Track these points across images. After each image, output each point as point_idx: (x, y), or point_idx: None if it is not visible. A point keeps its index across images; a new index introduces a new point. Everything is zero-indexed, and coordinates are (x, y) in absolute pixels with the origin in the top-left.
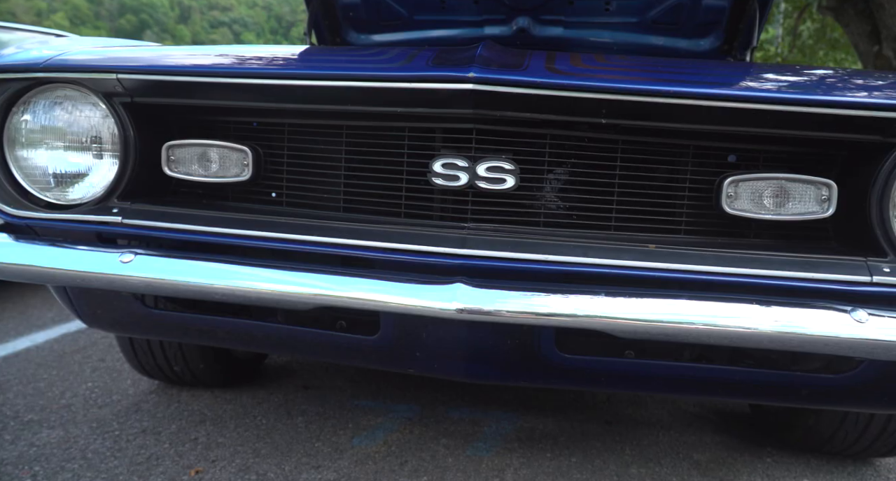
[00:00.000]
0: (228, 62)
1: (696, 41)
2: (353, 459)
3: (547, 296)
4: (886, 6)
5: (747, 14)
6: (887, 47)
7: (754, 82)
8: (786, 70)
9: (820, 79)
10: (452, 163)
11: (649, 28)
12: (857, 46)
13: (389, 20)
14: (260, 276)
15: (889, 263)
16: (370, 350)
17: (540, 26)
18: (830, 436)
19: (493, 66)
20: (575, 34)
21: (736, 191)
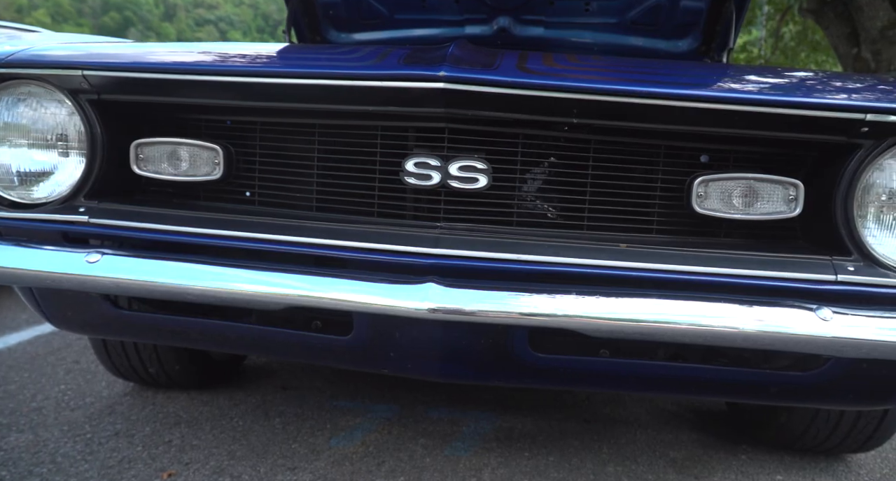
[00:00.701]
0: (198, 59)
1: (675, 42)
2: (329, 460)
3: (518, 295)
4: (865, 9)
5: (724, 16)
6: (866, 49)
7: (724, 83)
8: (758, 71)
9: (790, 81)
10: (425, 163)
11: (629, 29)
12: (837, 48)
13: (370, 19)
14: (229, 277)
15: (853, 262)
16: (344, 350)
17: (521, 26)
18: (802, 433)
19: (465, 65)
20: (555, 34)
21: (706, 190)
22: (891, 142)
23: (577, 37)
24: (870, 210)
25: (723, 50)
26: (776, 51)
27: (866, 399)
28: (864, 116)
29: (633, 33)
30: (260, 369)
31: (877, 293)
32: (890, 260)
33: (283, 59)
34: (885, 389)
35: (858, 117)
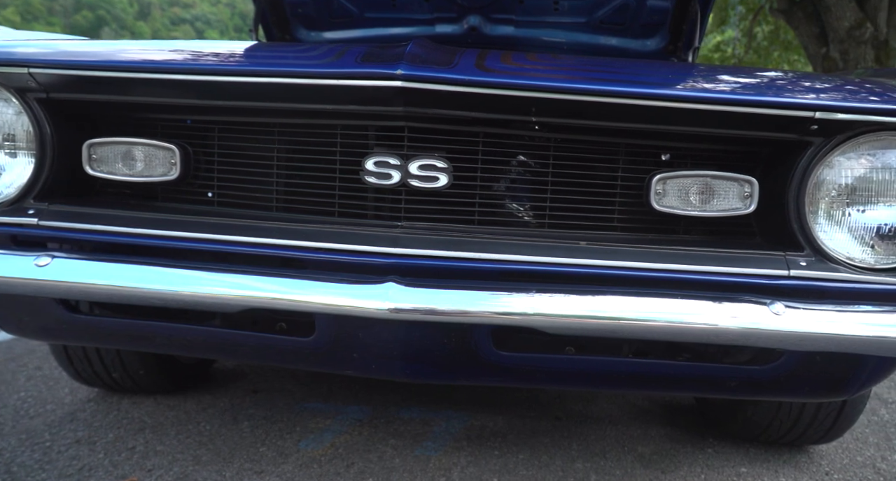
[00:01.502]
0: (151, 57)
1: (643, 41)
2: (297, 463)
3: (478, 294)
4: (833, 9)
5: (689, 15)
6: (834, 49)
7: (680, 82)
8: (717, 71)
9: (746, 80)
10: (384, 162)
11: (597, 28)
12: (807, 48)
13: (340, 17)
14: (184, 279)
15: (805, 257)
16: (307, 352)
17: (491, 25)
18: (767, 426)
19: (423, 63)
20: (526, 33)
21: (664, 188)
22: (839, 139)
23: (548, 36)
24: (820, 206)
25: (689, 49)
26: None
27: (821, 391)
28: (814, 114)
29: (602, 32)
30: (230, 372)
31: (827, 287)
32: (840, 254)
33: (239, 57)
34: (838, 381)
35: (808, 115)
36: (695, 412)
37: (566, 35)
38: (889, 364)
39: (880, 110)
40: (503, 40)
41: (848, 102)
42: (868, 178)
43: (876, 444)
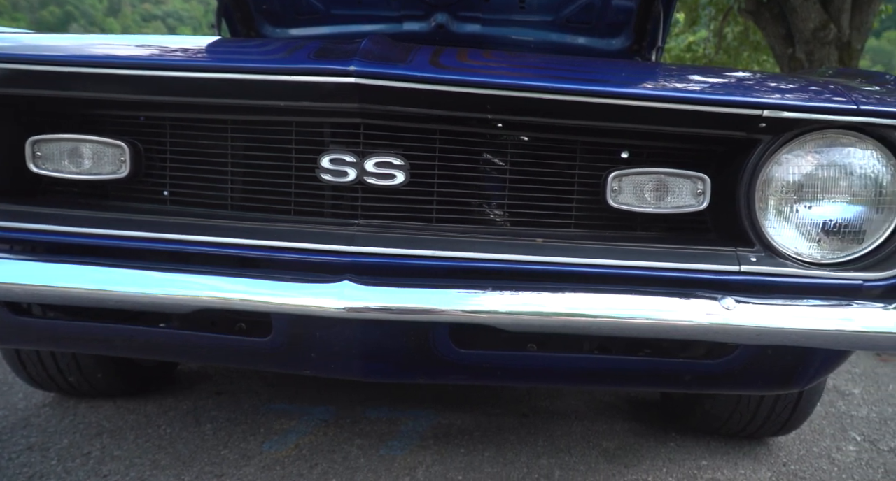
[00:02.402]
0: (97, 52)
1: (609, 40)
2: (260, 465)
3: (434, 292)
4: (799, 10)
5: (653, 15)
6: (800, 50)
7: (635, 80)
8: (675, 70)
9: (702, 78)
10: (340, 159)
11: (564, 27)
12: (774, 49)
13: (305, 14)
14: (136, 279)
15: (756, 253)
16: (264, 352)
17: (458, 23)
18: (726, 419)
19: (376, 59)
20: (493, 31)
21: (620, 185)
22: (787, 137)
23: (515, 34)
24: (770, 203)
25: (653, 49)
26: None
27: (774, 383)
28: (762, 113)
29: (568, 31)
30: (194, 374)
31: (777, 282)
32: (788, 250)
33: (191, 52)
34: (789, 374)
35: (756, 113)
36: (658, 406)
37: (533, 33)
38: (836, 356)
39: (825, 109)
40: (471, 38)
41: (795, 101)
42: (814, 176)
43: (832, 435)
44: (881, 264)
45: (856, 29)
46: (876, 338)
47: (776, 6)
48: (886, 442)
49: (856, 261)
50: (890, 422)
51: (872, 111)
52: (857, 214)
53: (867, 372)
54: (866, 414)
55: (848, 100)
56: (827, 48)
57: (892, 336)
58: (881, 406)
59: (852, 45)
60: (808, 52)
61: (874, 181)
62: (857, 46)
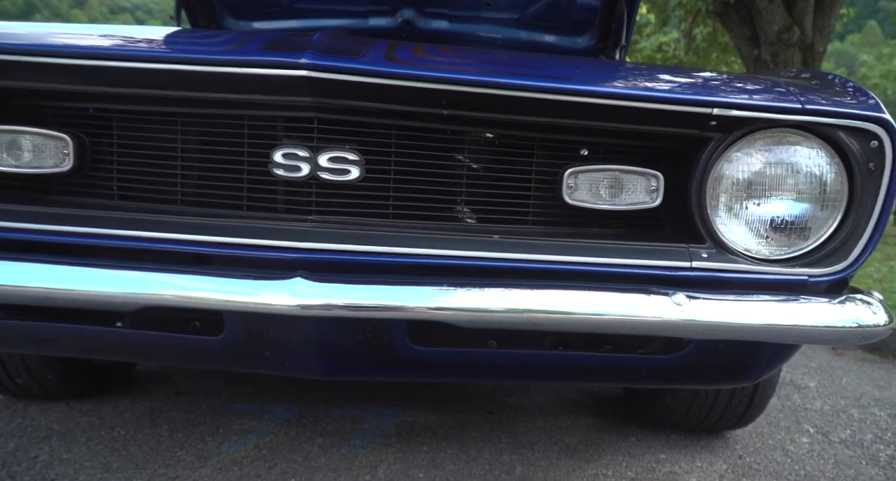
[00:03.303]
0: (33, 39)
1: (574, 39)
2: (217, 466)
3: (387, 288)
4: (764, 13)
5: (617, 14)
6: (765, 51)
7: (591, 77)
8: (633, 68)
9: (659, 77)
10: (293, 154)
11: (530, 25)
12: (741, 50)
13: (269, 7)
14: (81, 277)
15: (707, 249)
16: (216, 351)
17: (425, 19)
18: (685, 413)
19: (329, 52)
20: (460, 28)
21: (576, 182)
22: (737, 135)
23: (481, 31)
24: (721, 200)
25: (616, 47)
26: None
27: (726, 377)
28: (712, 110)
29: (534, 29)
30: (153, 374)
31: (727, 278)
32: (738, 246)
33: (139, 42)
34: (740, 368)
35: (706, 111)
36: (621, 401)
37: (500, 31)
38: (785, 350)
39: (772, 108)
40: (437, 35)
41: (743, 100)
42: (763, 173)
43: (787, 428)
44: (825, 260)
45: (818, 31)
46: (821, 331)
47: (743, 8)
48: (838, 434)
49: (802, 257)
50: (842, 414)
51: (817, 111)
52: (802, 212)
53: (822, 366)
54: (820, 407)
55: (794, 99)
56: (791, 50)
57: (837, 329)
58: (834, 398)
59: (815, 48)
60: (773, 53)
61: (819, 179)
62: (820, 49)
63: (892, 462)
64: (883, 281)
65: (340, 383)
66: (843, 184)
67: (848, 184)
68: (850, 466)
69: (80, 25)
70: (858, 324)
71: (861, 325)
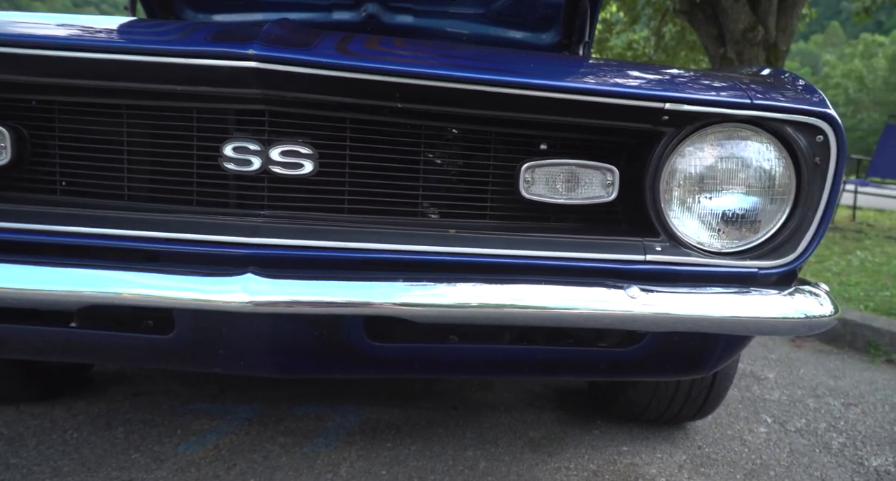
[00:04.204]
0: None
1: (539, 35)
2: (173, 468)
3: (341, 284)
4: (729, 12)
5: (580, 11)
6: (731, 50)
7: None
8: (592, 63)
9: (616, 72)
10: (244, 147)
11: (495, 20)
12: (708, 49)
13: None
14: (20, 275)
15: (661, 243)
16: (167, 350)
17: (389, 13)
18: (647, 405)
19: (279, 43)
20: (425, 23)
21: (532, 176)
22: (689, 130)
23: (447, 26)
24: (674, 194)
25: (580, 43)
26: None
27: (681, 369)
28: (664, 105)
29: (499, 25)
30: (112, 375)
31: (680, 271)
32: (691, 240)
33: (82, 30)
34: (695, 359)
35: (658, 106)
36: (585, 395)
37: (465, 26)
38: (738, 341)
39: (722, 103)
40: (402, 29)
41: (694, 95)
42: (714, 167)
43: (745, 418)
44: (775, 252)
45: (781, 31)
46: (771, 322)
47: (708, 7)
48: (794, 423)
49: (752, 250)
50: (798, 404)
51: (765, 106)
52: (753, 205)
53: (782, 358)
54: (778, 397)
55: (743, 95)
56: (756, 49)
57: (786, 320)
58: (792, 389)
59: (778, 47)
60: (739, 52)
61: (768, 173)
62: (783, 47)
63: (843, 449)
64: (841, 274)
65: (306, 381)
66: (791, 178)
67: (796, 178)
68: (805, 454)
69: (21, 13)
70: (806, 314)
71: (808, 316)
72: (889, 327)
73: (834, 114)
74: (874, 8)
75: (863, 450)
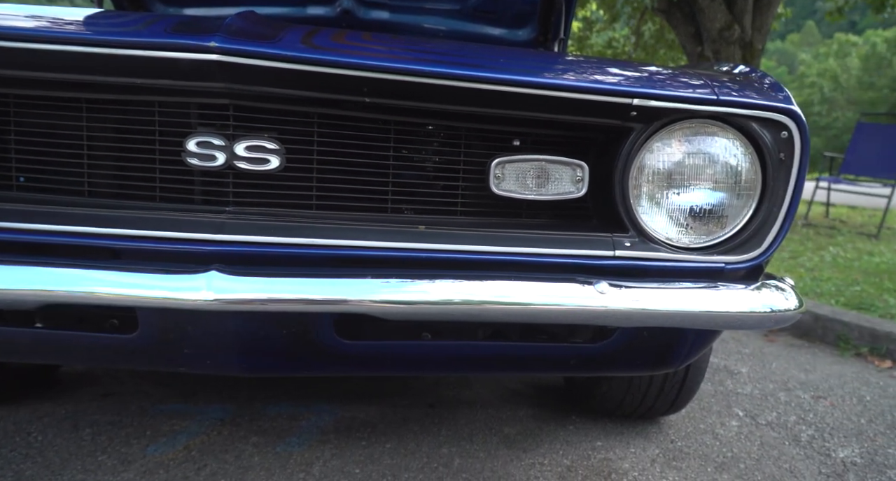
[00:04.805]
0: None
1: (514, 31)
2: (141, 470)
3: (309, 281)
4: (706, 11)
5: (556, 7)
6: (708, 48)
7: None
8: (564, 59)
9: (585, 68)
10: (208, 142)
11: (471, 16)
12: (685, 47)
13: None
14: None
15: (630, 238)
16: (132, 350)
17: (365, 9)
18: (621, 400)
19: (242, 36)
20: (400, 19)
21: (503, 172)
22: (657, 125)
23: (423, 22)
24: (643, 189)
25: (555, 40)
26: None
27: (651, 364)
28: (632, 101)
29: (475, 21)
30: (80, 376)
31: (649, 266)
32: (660, 235)
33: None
34: (664, 354)
35: (626, 102)
36: (561, 391)
37: (441, 22)
38: (707, 336)
39: (688, 99)
40: (377, 25)
41: (662, 91)
42: (682, 163)
43: (718, 412)
44: (741, 247)
45: (757, 30)
46: (738, 317)
47: (686, 6)
48: (765, 416)
49: (719, 245)
50: (770, 398)
51: (730, 102)
52: (720, 200)
53: (755, 352)
54: (750, 391)
55: (710, 91)
56: (732, 47)
57: (753, 315)
58: (764, 383)
59: (754, 45)
60: (716, 50)
61: (734, 169)
62: (759, 46)
63: (812, 441)
64: (814, 269)
65: (280, 380)
66: (757, 174)
67: (761, 174)
68: (774, 447)
69: None
70: (772, 309)
71: (774, 310)
72: (858, 321)
73: (798, 110)
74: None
75: (830, 442)
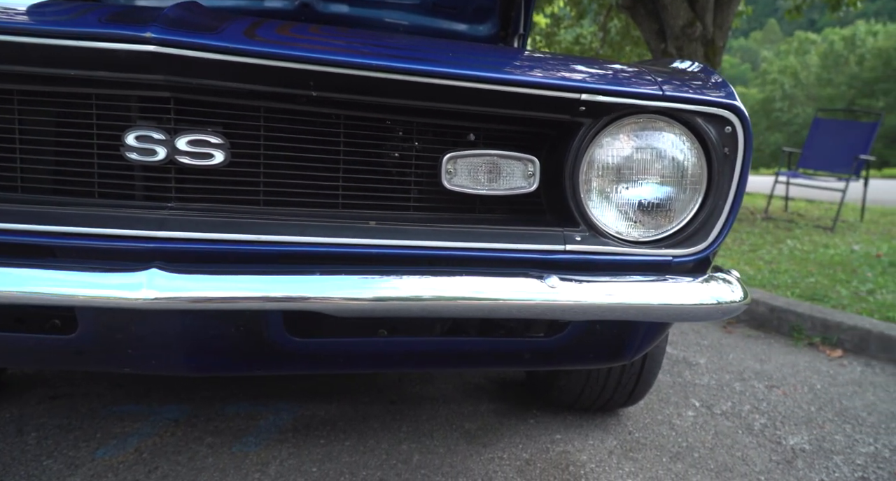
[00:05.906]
0: None
1: (476, 26)
2: (88, 474)
3: (252, 278)
4: (670, 8)
5: (515, 2)
6: (671, 45)
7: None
8: (518, 55)
9: (537, 63)
10: (147, 136)
11: (431, 11)
12: (650, 44)
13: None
14: None
15: (580, 232)
16: (73, 350)
17: (324, 2)
18: (579, 393)
19: (180, 27)
20: (360, 13)
21: (455, 167)
22: (606, 120)
23: (383, 16)
24: (593, 184)
25: (515, 35)
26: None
27: (604, 357)
28: (580, 96)
29: (436, 15)
30: (28, 378)
31: (599, 260)
32: (610, 229)
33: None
34: (617, 347)
35: (575, 97)
36: (522, 385)
37: (401, 16)
38: (658, 328)
39: (635, 94)
40: (337, 19)
41: (609, 86)
42: (631, 158)
43: (675, 403)
44: (688, 241)
45: (718, 27)
46: (686, 309)
47: (650, 3)
48: (720, 406)
49: (667, 238)
50: (725, 388)
51: (676, 97)
52: (667, 194)
53: (713, 344)
54: (707, 382)
55: (656, 87)
56: (694, 44)
57: (700, 307)
58: (720, 373)
59: (715, 43)
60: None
61: (681, 164)
62: (720, 43)
63: (764, 430)
64: (772, 262)
65: (240, 380)
66: (702, 168)
67: (707, 168)
68: (728, 436)
69: None
70: (718, 300)
71: (720, 302)
72: (811, 312)
73: (741, 106)
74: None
75: (781, 430)
